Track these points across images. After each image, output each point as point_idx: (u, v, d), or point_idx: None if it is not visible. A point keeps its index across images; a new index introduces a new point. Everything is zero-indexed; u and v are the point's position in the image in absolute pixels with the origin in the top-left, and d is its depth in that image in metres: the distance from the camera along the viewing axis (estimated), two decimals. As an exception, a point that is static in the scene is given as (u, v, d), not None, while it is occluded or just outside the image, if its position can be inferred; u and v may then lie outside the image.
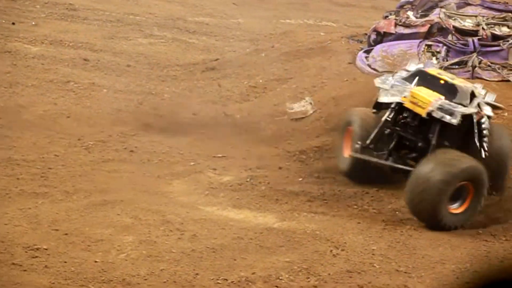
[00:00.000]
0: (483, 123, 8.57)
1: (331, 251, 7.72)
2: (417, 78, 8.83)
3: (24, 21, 15.07)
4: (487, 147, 8.56)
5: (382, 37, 12.26)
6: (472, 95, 8.69)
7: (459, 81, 8.89)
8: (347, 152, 9.33)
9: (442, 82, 8.73)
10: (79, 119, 10.95)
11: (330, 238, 7.99)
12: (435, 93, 8.56)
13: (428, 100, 8.42)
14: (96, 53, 13.73)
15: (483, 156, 8.53)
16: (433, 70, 9.12)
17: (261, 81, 12.40)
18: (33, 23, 15.03)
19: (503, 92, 10.49)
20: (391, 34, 12.13)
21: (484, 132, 8.56)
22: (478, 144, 8.49)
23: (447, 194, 8.25)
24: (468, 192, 8.38)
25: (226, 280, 7.13)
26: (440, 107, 8.41)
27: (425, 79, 8.80)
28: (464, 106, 8.55)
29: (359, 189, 9.33)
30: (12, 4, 15.64)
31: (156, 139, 10.57)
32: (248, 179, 9.48)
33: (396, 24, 12.23)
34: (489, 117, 8.72)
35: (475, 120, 8.53)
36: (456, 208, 8.39)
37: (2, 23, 14.44)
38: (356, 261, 7.58)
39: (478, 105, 8.66)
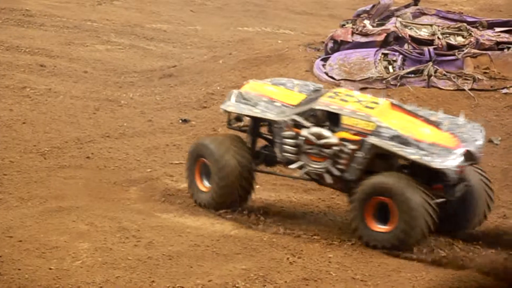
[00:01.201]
0: None
1: (287, 258, 7.73)
2: None
3: (-20, 27, 14.99)
4: None
5: (339, 45, 12.33)
6: None
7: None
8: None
9: None
10: (35, 125, 10.88)
11: (286, 246, 8.00)
12: None
13: None
14: (53, 59, 13.65)
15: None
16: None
17: (218, 88, 12.40)
18: (-11, 29, 14.94)
19: (458, 101, 10.62)
20: (348, 42, 12.21)
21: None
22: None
23: (360, 210, 8.03)
24: (392, 211, 7.90)
25: (183, 287, 7.12)
26: None
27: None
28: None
29: (314, 197, 9.36)
30: (-33, 10, 15.57)
31: (112, 146, 10.52)
32: (205, 186, 9.48)
33: (353, 33, 12.31)
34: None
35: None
36: (381, 227, 7.97)
37: (-43, 29, 14.34)
38: (313, 268, 7.59)
39: None
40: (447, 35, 11.87)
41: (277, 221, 8.62)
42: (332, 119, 8.33)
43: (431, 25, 12.13)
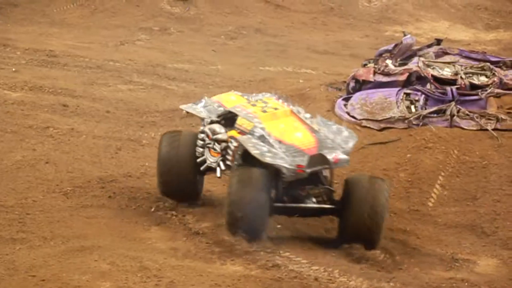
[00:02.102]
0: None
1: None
2: None
3: (4, 68, 15.13)
4: None
5: (361, 85, 12.34)
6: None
7: None
8: None
9: None
10: (58, 165, 10.92)
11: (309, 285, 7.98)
12: None
13: None
14: (76, 99, 13.74)
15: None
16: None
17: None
18: (13, 69, 15.08)
19: (481, 141, 10.57)
20: (369, 82, 12.20)
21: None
22: None
23: None
24: None
25: (204, 328, 7.09)
26: None
27: None
28: None
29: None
30: (-8, 51, 15.75)
31: (134, 185, 10.54)
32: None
33: (375, 72, 12.31)
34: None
35: None
36: None
37: (-18, 70, 14.50)
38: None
39: None
40: (470, 75, 11.84)
41: (297, 261, 8.61)
42: (232, 120, 9.40)
43: (454, 64, 12.11)
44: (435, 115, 11.29)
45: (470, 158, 10.37)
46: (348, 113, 11.86)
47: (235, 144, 9.10)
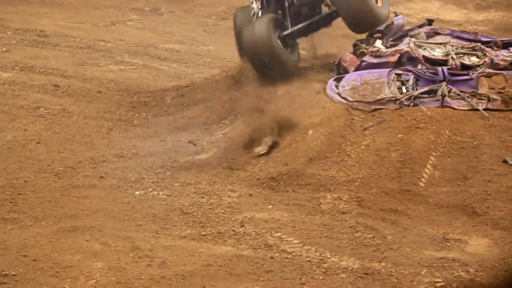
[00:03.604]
0: None
1: (300, 279, 7.73)
2: None
3: (-5, 48, 15.10)
4: None
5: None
6: None
7: None
8: None
9: None
10: (49, 145, 10.92)
11: (300, 265, 8.01)
12: None
13: None
14: (67, 79, 13.71)
15: None
16: None
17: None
18: (4, 49, 15.01)
19: (472, 121, 10.58)
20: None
21: None
22: None
23: None
24: None
25: (196, 307, 7.12)
26: None
27: None
28: None
29: (328, 216, 9.36)
30: (-18, 31, 15.67)
31: (126, 165, 10.55)
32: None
33: (364, 54, 12.28)
34: None
35: None
36: None
37: (-28, 50, 14.44)
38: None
39: None
40: (461, 55, 11.82)
41: (289, 241, 8.64)
42: None
43: (445, 45, 12.10)
44: (426, 95, 11.28)
45: (461, 138, 10.37)
46: (339, 94, 11.84)
47: None
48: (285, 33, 11.82)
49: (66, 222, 8.65)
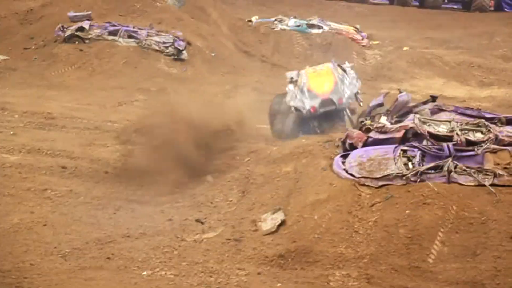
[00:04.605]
0: None
1: None
2: None
3: (2, 131, 15.19)
4: None
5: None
6: None
7: None
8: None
9: None
10: (56, 227, 10.90)
11: None
12: None
13: None
14: (74, 160, 13.77)
15: None
16: None
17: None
18: (11, 132, 15.13)
19: (479, 196, 10.55)
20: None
21: None
22: None
23: None
24: None
25: None
26: None
27: None
28: None
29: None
30: (-11, 115, 15.83)
31: (133, 245, 10.51)
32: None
33: (370, 130, 12.34)
34: None
35: None
36: None
37: (-20, 134, 14.54)
38: None
39: None
40: (466, 131, 11.87)
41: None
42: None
43: (449, 122, 12.15)
44: (432, 171, 11.29)
45: (469, 213, 10.34)
46: (346, 171, 11.85)
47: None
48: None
49: (73, 305, 8.60)
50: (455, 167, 11.17)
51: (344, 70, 15.09)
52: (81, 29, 22.87)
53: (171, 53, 22.77)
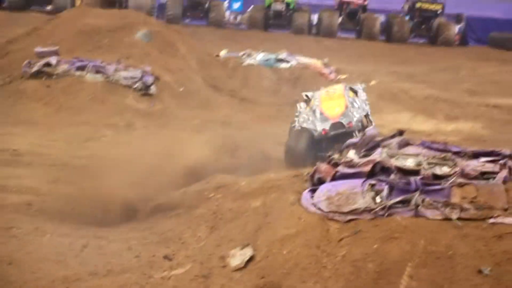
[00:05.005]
0: None
1: None
2: None
3: (-33, 169, 15.07)
4: None
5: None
6: None
7: None
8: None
9: None
10: (21, 266, 10.77)
11: None
12: None
13: None
14: (40, 197, 13.66)
15: None
16: None
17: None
18: (-25, 171, 15.01)
19: (447, 230, 10.58)
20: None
21: None
22: None
23: None
24: None
25: None
26: None
27: None
28: None
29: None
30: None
31: (100, 283, 10.42)
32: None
33: (338, 164, 12.38)
34: None
35: None
36: None
37: None
38: None
39: None
40: (433, 165, 11.93)
41: None
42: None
43: (416, 155, 12.22)
44: (400, 205, 11.32)
45: (436, 248, 10.36)
46: (314, 205, 11.86)
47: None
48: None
49: None
50: (423, 201, 11.21)
51: (355, 92, 15.72)
52: (48, 64, 22.79)
53: (139, 88, 22.75)
